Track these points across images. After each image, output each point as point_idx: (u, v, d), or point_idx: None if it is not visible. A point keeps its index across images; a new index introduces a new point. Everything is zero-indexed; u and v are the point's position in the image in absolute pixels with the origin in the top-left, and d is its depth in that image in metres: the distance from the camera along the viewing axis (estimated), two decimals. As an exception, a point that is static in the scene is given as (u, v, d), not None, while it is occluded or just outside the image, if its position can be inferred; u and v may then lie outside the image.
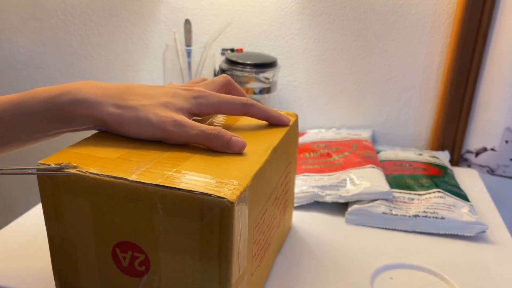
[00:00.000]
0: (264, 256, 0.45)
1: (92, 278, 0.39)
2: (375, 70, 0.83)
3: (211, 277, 0.35)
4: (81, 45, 0.91)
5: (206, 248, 0.34)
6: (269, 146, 0.42)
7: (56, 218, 0.38)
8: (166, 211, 0.34)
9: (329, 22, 0.81)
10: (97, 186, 0.35)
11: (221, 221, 0.32)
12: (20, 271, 0.48)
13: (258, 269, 0.43)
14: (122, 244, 0.36)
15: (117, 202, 0.35)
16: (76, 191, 0.36)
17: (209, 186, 0.33)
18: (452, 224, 0.58)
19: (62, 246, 0.39)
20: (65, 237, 0.38)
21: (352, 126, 0.87)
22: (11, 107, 0.40)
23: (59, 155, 0.38)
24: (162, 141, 0.41)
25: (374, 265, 0.52)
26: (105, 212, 0.36)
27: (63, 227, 0.38)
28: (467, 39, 0.75)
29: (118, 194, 0.34)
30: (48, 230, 0.38)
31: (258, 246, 0.41)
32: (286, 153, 0.48)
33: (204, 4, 0.85)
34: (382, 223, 0.60)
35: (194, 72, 0.77)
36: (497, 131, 0.77)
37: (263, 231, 0.42)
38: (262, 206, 0.40)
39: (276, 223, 0.48)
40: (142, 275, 0.37)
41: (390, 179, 0.67)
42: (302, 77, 0.86)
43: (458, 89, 0.78)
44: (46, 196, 0.37)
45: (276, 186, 0.45)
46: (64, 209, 0.37)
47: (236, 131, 0.45)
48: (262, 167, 0.38)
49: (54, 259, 0.40)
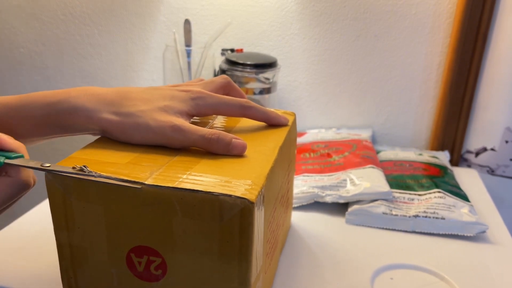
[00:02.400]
0: (274, 254, 0.45)
1: (105, 285, 0.38)
2: (375, 70, 0.83)
3: (230, 277, 0.34)
4: (81, 45, 0.91)
5: (226, 249, 0.34)
6: (276, 145, 0.42)
7: (67, 226, 0.37)
8: (184, 214, 0.33)
9: (329, 22, 0.81)
10: (111, 191, 0.34)
11: (241, 222, 0.32)
12: (20, 271, 0.48)
13: (270, 267, 0.43)
14: (138, 248, 0.36)
15: (134, 206, 0.34)
16: (89, 197, 0.35)
17: (226, 187, 0.33)
18: (452, 224, 0.58)
19: (72, 254, 0.38)
20: (76, 244, 0.37)
21: (352, 126, 0.87)
22: (9, 110, 0.40)
23: (67, 161, 0.37)
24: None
25: (374, 265, 0.52)
26: (119, 217, 0.35)
27: (74, 234, 0.37)
28: (467, 39, 0.75)
29: (133, 199, 0.34)
30: (57, 238, 0.38)
31: (270, 244, 0.41)
32: (288, 153, 0.48)
33: (204, 4, 0.85)
34: (382, 223, 0.60)
35: (194, 72, 0.77)
36: (497, 131, 0.77)
37: (273, 229, 0.42)
38: (273, 205, 0.41)
39: (282, 221, 0.48)
40: (158, 279, 0.36)
41: (390, 179, 0.67)
42: (302, 77, 0.86)
43: (458, 89, 0.78)
44: (56, 203, 0.36)
45: (282, 185, 0.46)
46: (75, 216, 0.36)
47: (239, 131, 0.46)
48: (273, 166, 0.39)
49: (64, 268, 0.39)
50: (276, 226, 0.44)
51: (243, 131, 0.46)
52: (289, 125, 0.48)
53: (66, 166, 0.36)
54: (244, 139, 0.43)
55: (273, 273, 0.48)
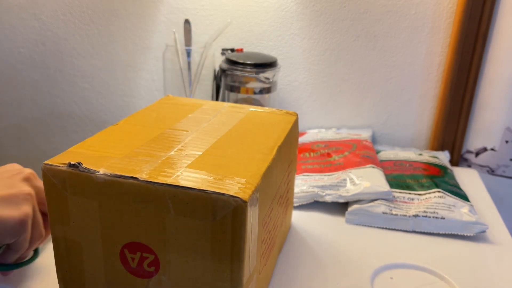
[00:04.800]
0: (270, 255, 0.45)
1: (98, 280, 0.38)
2: (375, 70, 0.83)
3: (222, 277, 0.34)
4: (81, 45, 0.91)
5: (218, 248, 0.33)
6: (274, 144, 0.42)
7: (62, 220, 0.37)
8: (177, 211, 0.33)
9: (329, 22, 0.82)
10: (106, 186, 0.34)
11: (234, 221, 0.32)
12: (20, 271, 0.48)
13: (265, 268, 0.43)
14: (131, 245, 0.36)
15: (127, 202, 0.34)
16: (84, 192, 0.35)
17: (220, 185, 0.33)
18: (452, 224, 0.58)
19: (67, 248, 0.38)
20: (71, 239, 0.38)
21: (352, 126, 0.87)
22: None
23: (64, 155, 0.37)
24: (167, 139, 0.41)
25: (374, 265, 0.52)
26: (113, 213, 0.35)
27: (69, 229, 0.37)
28: (467, 39, 0.75)
29: (127, 194, 0.34)
30: (53, 232, 0.38)
31: (265, 244, 0.41)
32: (288, 152, 0.48)
33: (204, 4, 0.85)
34: (382, 223, 0.60)
35: (194, 72, 0.77)
36: (497, 131, 0.77)
37: (269, 230, 0.42)
38: (269, 205, 0.41)
39: (280, 222, 0.48)
40: (151, 275, 0.36)
41: (390, 179, 0.67)
42: (302, 77, 0.86)
43: (458, 89, 0.78)
44: (52, 198, 0.37)
45: (280, 185, 0.45)
46: (70, 211, 0.37)
47: (239, 129, 0.46)
48: (270, 165, 0.38)
49: (59, 262, 0.39)
50: (273, 226, 0.44)
51: (242, 130, 0.46)
52: (291, 125, 0.48)
53: (62, 161, 0.36)
54: (243, 137, 0.43)
55: (270, 274, 0.47)
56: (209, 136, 0.43)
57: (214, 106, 0.53)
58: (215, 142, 0.42)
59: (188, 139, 0.42)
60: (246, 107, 0.53)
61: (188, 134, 0.44)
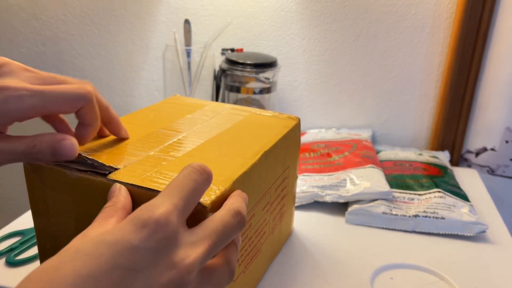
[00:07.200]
0: (251, 263, 0.44)
1: None
2: (375, 70, 0.83)
3: None
4: (81, 45, 0.91)
5: None
6: (260, 149, 0.41)
7: (42, 213, 0.38)
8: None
9: (329, 22, 0.82)
10: (77, 182, 0.35)
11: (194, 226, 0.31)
12: (20, 271, 0.48)
13: (243, 276, 0.42)
14: None
15: (95, 199, 0.35)
16: (60, 187, 0.36)
17: None
18: (452, 224, 0.58)
19: (48, 241, 0.39)
20: (50, 232, 0.39)
21: (352, 126, 0.87)
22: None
23: None
24: (154, 139, 0.41)
25: (374, 265, 0.52)
26: (86, 209, 0.36)
27: (48, 222, 0.38)
28: (467, 39, 0.75)
29: (98, 190, 0.35)
30: (35, 225, 0.39)
31: (242, 252, 0.40)
32: (282, 158, 0.47)
33: (204, 4, 0.85)
34: (382, 223, 0.60)
35: (194, 72, 0.77)
36: (497, 131, 0.77)
37: (249, 237, 0.41)
38: (248, 211, 0.40)
39: (269, 229, 0.47)
40: None
41: (390, 179, 0.67)
42: (302, 77, 0.86)
43: (458, 89, 0.78)
44: (33, 192, 0.38)
45: (269, 191, 0.44)
46: (49, 205, 0.38)
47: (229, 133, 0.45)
48: (248, 171, 0.38)
49: (42, 255, 0.40)
50: (256, 233, 0.43)
51: (234, 133, 0.45)
52: (287, 130, 0.47)
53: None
54: (232, 140, 0.43)
55: (253, 282, 0.46)
56: (198, 137, 0.43)
57: (215, 107, 0.53)
58: (200, 144, 0.41)
59: (174, 140, 0.42)
60: (248, 110, 0.53)
61: (178, 135, 0.43)
